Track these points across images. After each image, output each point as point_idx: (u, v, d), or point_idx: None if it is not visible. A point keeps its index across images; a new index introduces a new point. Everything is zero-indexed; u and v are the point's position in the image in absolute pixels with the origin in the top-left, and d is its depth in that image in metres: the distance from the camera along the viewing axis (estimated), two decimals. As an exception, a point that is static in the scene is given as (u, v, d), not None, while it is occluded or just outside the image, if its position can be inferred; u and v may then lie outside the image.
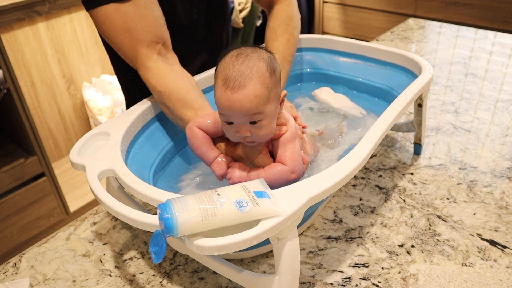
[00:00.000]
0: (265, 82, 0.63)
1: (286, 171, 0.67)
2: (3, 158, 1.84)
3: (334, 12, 2.97)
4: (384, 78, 0.95)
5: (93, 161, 0.65)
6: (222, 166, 0.70)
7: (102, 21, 0.76)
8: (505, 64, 1.34)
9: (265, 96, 0.63)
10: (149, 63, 0.77)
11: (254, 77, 0.62)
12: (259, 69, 0.63)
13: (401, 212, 0.81)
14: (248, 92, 0.62)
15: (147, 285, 0.70)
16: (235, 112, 0.63)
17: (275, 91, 0.65)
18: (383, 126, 0.69)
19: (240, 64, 0.63)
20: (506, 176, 0.89)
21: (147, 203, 0.67)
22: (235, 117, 0.64)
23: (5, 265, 0.75)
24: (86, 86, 2.36)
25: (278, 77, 0.66)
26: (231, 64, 0.63)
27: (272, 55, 0.67)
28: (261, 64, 0.63)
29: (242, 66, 0.63)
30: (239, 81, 0.62)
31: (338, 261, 0.72)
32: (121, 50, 0.79)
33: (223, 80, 0.63)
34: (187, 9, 0.94)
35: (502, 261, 0.70)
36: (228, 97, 0.62)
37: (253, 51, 0.65)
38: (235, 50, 0.65)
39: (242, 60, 0.63)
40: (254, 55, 0.64)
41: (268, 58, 0.65)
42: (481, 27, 2.11)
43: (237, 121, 0.64)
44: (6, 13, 1.75)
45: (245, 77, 0.62)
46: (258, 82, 0.62)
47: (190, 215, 0.49)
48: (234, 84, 0.62)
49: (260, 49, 0.67)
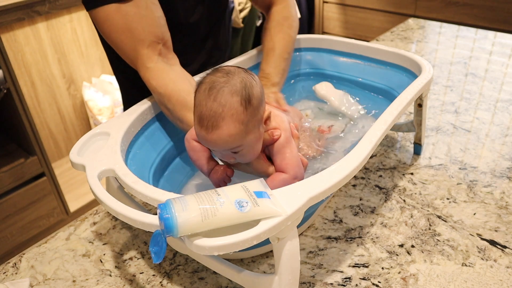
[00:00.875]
0: (239, 118, 0.61)
1: (289, 179, 0.67)
2: (3, 158, 1.84)
3: (334, 12, 2.97)
4: (384, 78, 0.95)
5: (93, 161, 0.65)
6: (217, 175, 0.70)
7: (102, 21, 0.76)
8: (505, 64, 1.34)
9: (241, 131, 0.62)
10: (150, 64, 0.77)
11: (227, 116, 0.60)
12: (231, 106, 0.60)
13: (401, 212, 0.81)
14: (222, 133, 0.61)
15: (147, 285, 0.70)
16: (213, 148, 0.64)
17: (254, 120, 0.63)
18: (383, 126, 0.69)
19: (212, 102, 0.60)
20: (506, 176, 0.89)
21: (147, 203, 0.67)
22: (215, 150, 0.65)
23: (5, 265, 0.75)
24: (86, 86, 2.36)
25: (256, 105, 0.63)
26: (204, 101, 0.61)
27: (248, 79, 0.63)
28: (233, 100, 0.61)
29: (214, 104, 0.60)
30: (211, 122, 0.60)
31: (338, 261, 0.72)
32: (122, 50, 0.79)
33: (198, 118, 0.62)
34: (188, 10, 0.94)
35: (502, 261, 0.70)
36: (203, 136, 0.62)
37: (226, 83, 0.61)
38: (208, 81, 0.63)
39: (214, 96, 0.60)
40: (226, 89, 0.61)
41: (243, 88, 0.62)
42: (481, 27, 2.11)
43: (219, 151, 0.65)
44: (6, 13, 1.75)
45: (217, 117, 0.60)
46: (231, 120, 0.61)
47: (190, 215, 0.49)
48: (207, 124, 0.61)
49: (235, 74, 0.63)
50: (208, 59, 1.05)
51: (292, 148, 0.69)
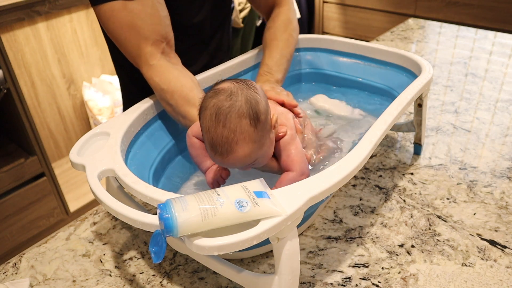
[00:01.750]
0: (251, 138, 0.62)
1: (296, 177, 0.67)
2: (3, 158, 1.84)
3: (334, 12, 2.97)
4: (384, 78, 0.95)
5: (93, 161, 0.65)
6: (213, 175, 0.71)
7: (108, 17, 0.76)
8: (505, 64, 1.34)
9: (256, 149, 0.63)
10: (153, 61, 0.77)
11: (239, 140, 0.61)
12: (242, 130, 0.61)
13: (401, 212, 0.81)
14: (238, 156, 0.62)
15: (147, 285, 0.70)
16: (231, 168, 0.67)
17: (264, 133, 0.64)
18: (383, 126, 0.69)
19: (222, 128, 0.61)
20: (506, 176, 0.89)
21: (147, 203, 0.67)
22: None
23: (5, 265, 0.75)
24: (86, 86, 2.36)
25: (264, 119, 0.63)
26: (212, 128, 0.61)
27: (252, 95, 0.63)
28: (243, 122, 0.61)
29: (225, 130, 0.61)
30: (225, 148, 0.61)
31: (338, 261, 0.72)
32: (125, 47, 0.79)
33: (210, 145, 0.62)
34: (192, 11, 0.95)
35: (502, 261, 0.70)
36: (220, 160, 0.64)
37: (231, 107, 0.61)
38: (212, 106, 0.62)
39: (222, 122, 0.61)
40: (233, 114, 0.60)
41: (249, 108, 0.61)
42: (481, 27, 2.11)
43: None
44: (6, 13, 1.75)
45: (230, 142, 0.61)
46: (245, 143, 0.61)
47: (190, 215, 0.49)
48: (221, 150, 0.61)
49: (238, 92, 0.62)
50: (211, 60, 1.05)
51: (297, 145, 0.70)
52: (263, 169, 0.72)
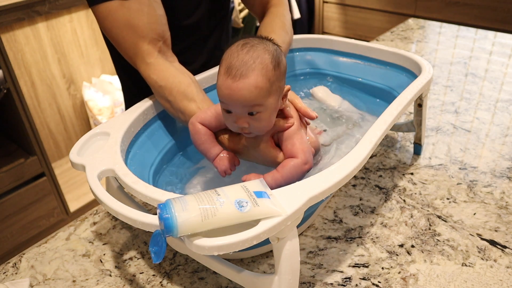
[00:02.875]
0: (267, 74, 0.63)
1: (300, 164, 0.67)
2: (3, 158, 1.84)
3: (334, 12, 2.97)
4: (384, 78, 0.95)
5: (93, 161, 0.65)
6: (224, 162, 0.70)
7: (105, 17, 0.77)
8: (505, 64, 1.34)
9: (266, 89, 0.63)
10: (150, 59, 0.78)
11: (257, 68, 0.62)
12: (263, 61, 0.63)
13: (401, 212, 0.81)
14: (249, 82, 0.62)
15: (147, 285, 0.70)
16: (234, 101, 0.64)
17: (277, 84, 0.65)
18: (383, 126, 0.69)
19: (245, 54, 0.63)
20: (506, 176, 0.89)
21: (147, 203, 0.67)
22: (235, 106, 0.64)
23: (5, 265, 0.75)
24: (86, 86, 2.36)
25: (282, 71, 0.66)
26: (235, 53, 0.63)
27: (279, 49, 0.67)
28: (266, 56, 0.63)
29: (247, 56, 0.63)
30: (241, 70, 0.62)
31: (338, 261, 0.72)
32: (122, 47, 0.79)
33: (226, 68, 0.63)
34: (189, 9, 0.95)
35: (502, 261, 0.70)
36: (229, 85, 0.63)
37: (260, 42, 0.65)
38: (242, 39, 0.65)
39: (247, 50, 0.63)
40: (260, 46, 0.64)
41: (275, 51, 0.65)
42: (481, 27, 2.11)
43: (236, 110, 0.65)
44: (6, 13, 1.75)
45: (248, 66, 0.62)
46: (261, 73, 0.62)
47: (190, 215, 0.49)
48: (236, 72, 0.62)
49: (268, 41, 0.67)
50: (209, 59, 1.05)
51: (302, 135, 0.70)
52: (265, 160, 0.71)
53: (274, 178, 0.66)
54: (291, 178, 0.66)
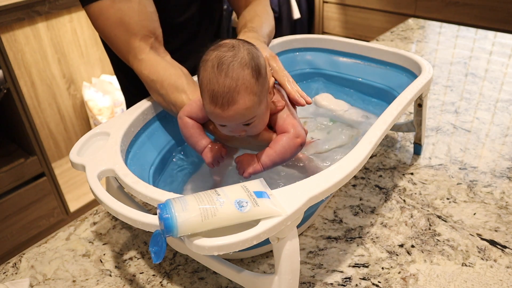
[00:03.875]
0: (253, 90, 0.62)
1: (291, 137, 0.67)
2: (3, 158, 1.84)
3: (334, 12, 2.97)
4: (384, 78, 0.95)
5: (93, 161, 0.65)
6: (211, 153, 0.70)
7: (97, 16, 0.78)
8: (505, 64, 1.34)
9: (256, 103, 0.63)
10: (142, 56, 0.78)
11: (241, 90, 0.61)
12: (244, 80, 0.61)
13: (401, 212, 0.81)
14: (239, 107, 0.61)
15: (147, 285, 0.70)
16: (227, 123, 0.65)
17: (264, 90, 0.65)
18: (383, 126, 0.69)
19: (224, 78, 0.61)
20: (506, 176, 0.89)
21: (147, 203, 0.67)
22: (229, 125, 0.65)
23: (5, 265, 0.75)
24: (86, 86, 2.36)
25: (264, 74, 0.65)
26: (214, 78, 0.61)
27: (253, 50, 0.64)
28: (245, 73, 0.61)
29: (227, 80, 0.60)
30: (227, 98, 0.61)
31: (338, 261, 0.72)
32: (115, 44, 0.80)
33: (210, 97, 0.62)
34: (182, 7, 0.95)
35: (502, 261, 0.70)
36: (219, 114, 0.62)
37: (234, 56, 0.62)
38: (213, 57, 0.62)
39: (225, 72, 0.61)
40: (235, 63, 0.61)
41: (251, 59, 0.62)
42: (481, 27, 2.11)
43: (230, 126, 0.66)
44: (6, 13, 1.75)
45: (232, 92, 0.61)
46: (246, 93, 0.61)
47: (190, 215, 0.49)
48: (222, 101, 0.61)
49: (240, 47, 0.63)
50: None
51: (292, 113, 0.71)
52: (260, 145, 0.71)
53: (267, 155, 0.67)
54: (284, 153, 0.67)
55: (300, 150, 0.70)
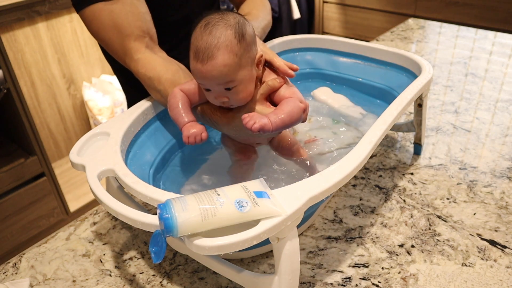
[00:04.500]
0: (233, 50, 0.64)
1: (295, 100, 0.69)
2: (3, 158, 1.84)
3: (334, 12, 2.97)
4: (384, 78, 0.95)
5: (93, 161, 0.65)
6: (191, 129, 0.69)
7: (90, 20, 0.79)
8: (505, 64, 1.34)
9: (235, 64, 0.65)
10: (137, 55, 0.79)
11: (222, 46, 0.63)
12: (226, 38, 0.64)
13: (401, 212, 0.81)
14: (217, 63, 0.63)
15: (147, 285, 0.70)
16: (208, 82, 0.66)
17: (247, 55, 0.66)
18: (383, 126, 0.69)
19: (208, 35, 0.64)
20: (506, 176, 0.89)
21: (147, 203, 0.67)
22: (210, 86, 0.67)
23: (5, 265, 0.75)
24: (86, 86, 2.36)
25: (249, 41, 0.67)
26: (199, 36, 0.65)
27: (241, 19, 0.67)
28: (228, 32, 0.64)
29: (210, 37, 0.64)
30: (207, 53, 0.63)
31: (338, 261, 0.72)
32: (111, 47, 0.81)
33: (194, 53, 0.65)
34: (177, 5, 0.95)
35: (502, 261, 0.70)
36: (199, 69, 0.65)
37: (220, 19, 0.65)
38: (204, 19, 0.66)
39: (209, 30, 0.64)
40: (221, 23, 0.65)
41: (237, 23, 0.66)
42: (481, 27, 2.11)
43: (213, 88, 0.67)
44: (6, 13, 1.75)
45: (212, 48, 0.63)
46: (226, 51, 0.64)
47: (190, 215, 0.49)
48: (203, 56, 0.64)
49: (229, 14, 0.67)
50: None
51: (291, 86, 0.72)
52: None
53: (276, 113, 0.67)
54: (292, 113, 0.68)
55: (304, 117, 0.71)
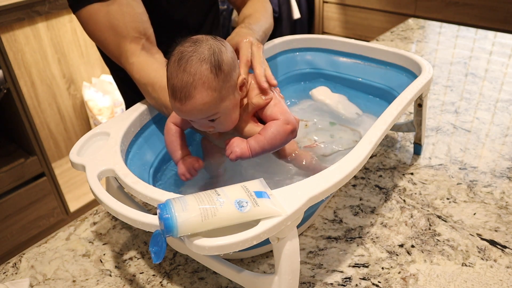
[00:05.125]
0: (211, 86, 0.62)
1: (281, 124, 0.67)
2: (3, 158, 1.84)
3: (334, 12, 2.97)
4: (384, 78, 0.95)
5: (93, 161, 0.65)
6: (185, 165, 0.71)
7: (86, 21, 0.79)
8: (505, 64, 1.34)
9: (215, 99, 0.63)
10: (133, 59, 0.78)
11: (198, 84, 0.61)
12: (201, 75, 0.61)
13: (401, 212, 0.81)
14: (195, 102, 0.62)
15: (147, 285, 0.70)
16: (190, 118, 0.65)
17: (227, 86, 0.64)
18: (383, 126, 0.69)
19: (182, 72, 0.61)
20: (506, 176, 0.89)
21: (147, 203, 0.67)
22: (193, 119, 0.66)
23: (5, 265, 0.75)
24: (86, 86, 2.36)
25: (228, 71, 0.64)
26: (174, 72, 0.62)
27: (217, 46, 0.64)
28: (203, 68, 0.61)
29: (185, 75, 0.61)
30: (184, 93, 0.61)
31: (338, 261, 0.72)
32: (107, 48, 0.80)
33: (171, 91, 0.63)
34: (174, 4, 0.95)
35: (502, 261, 0.70)
36: (178, 108, 0.63)
37: (194, 52, 0.62)
38: (176, 52, 0.63)
39: (183, 67, 0.61)
40: (194, 58, 0.62)
41: (211, 55, 0.62)
42: (481, 27, 2.11)
43: (197, 121, 0.66)
44: (6, 13, 1.75)
45: (189, 87, 0.61)
46: (203, 88, 0.61)
47: (190, 215, 0.49)
48: (180, 96, 0.62)
49: (203, 42, 0.64)
50: None
51: (279, 101, 0.70)
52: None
53: (257, 140, 0.66)
54: (274, 139, 0.66)
55: (292, 137, 0.69)
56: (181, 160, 0.72)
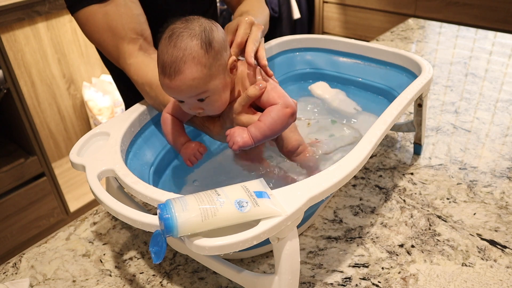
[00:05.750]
0: (201, 61, 0.62)
1: (280, 108, 0.66)
2: (3, 158, 1.84)
3: (334, 12, 2.97)
4: (384, 78, 0.95)
5: (93, 161, 0.65)
6: (188, 150, 0.70)
7: (84, 23, 0.79)
8: (505, 64, 1.34)
9: (205, 75, 0.62)
10: (130, 60, 0.79)
11: (188, 59, 0.61)
12: (192, 50, 0.61)
13: (401, 212, 0.81)
14: (185, 77, 0.61)
15: (147, 285, 0.70)
16: (178, 96, 0.65)
17: (217, 64, 0.64)
18: (383, 126, 0.69)
19: (173, 48, 0.61)
20: (506, 176, 0.89)
21: (147, 203, 0.67)
22: (182, 98, 0.65)
23: (5, 265, 0.75)
24: (86, 86, 2.36)
25: (218, 48, 0.64)
26: (165, 49, 0.62)
27: (208, 25, 0.64)
28: (193, 43, 0.61)
29: (175, 50, 0.61)
30: (173, 67, 0.61)
31: (338, 261, 0.72)
32: (105, 49, 0.81)
33: (161, 67, 0.63)
34: (171, 5, 0.95)
35: (502, 261, 0.70)
36: (167, 84, 0.63)
37: (184, 28, 0.62)
38: (169, 29, 0.64)
39: (174, 42, 0.62)
40: (185, 34, 0.62)
41: (202, 32, 0.62)
42: (481, 27, 2.11)
43: (186, 100, 0.65)
44: (6, 13, 1.75)
45: (178, 61, 0.61)
46: (193, 63, 0.61)
47: (190, 215, 0.49)
48: (170, 71, 0.62)
49: (194, 21, 0.64)
50: None
51: (276, 87, 0.69)
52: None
53: (257, 127, 0.66)
54: (275, 124, 0.66)
55: (292, 120, 0.68)
56: (183, 146, 0.71)
